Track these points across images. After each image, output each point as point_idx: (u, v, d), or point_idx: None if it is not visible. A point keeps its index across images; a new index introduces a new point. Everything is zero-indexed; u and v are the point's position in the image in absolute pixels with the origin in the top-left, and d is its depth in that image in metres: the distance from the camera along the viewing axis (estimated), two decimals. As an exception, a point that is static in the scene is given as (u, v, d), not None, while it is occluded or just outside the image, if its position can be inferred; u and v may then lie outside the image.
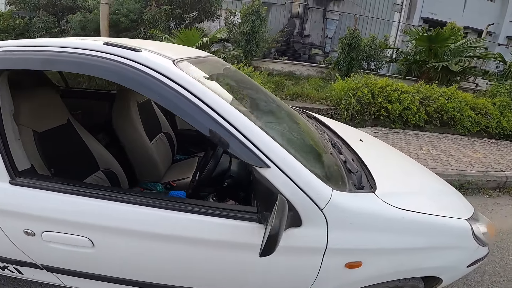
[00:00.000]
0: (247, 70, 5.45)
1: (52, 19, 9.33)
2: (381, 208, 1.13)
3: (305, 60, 12.94)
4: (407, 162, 1.87)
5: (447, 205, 1.39)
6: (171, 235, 1.06)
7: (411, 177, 1.62)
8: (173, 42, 6.83)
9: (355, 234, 1.09)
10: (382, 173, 1.39)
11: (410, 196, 1.29)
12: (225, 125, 0.97)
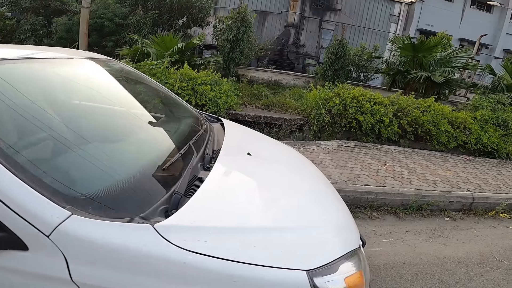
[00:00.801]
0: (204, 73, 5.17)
1: (40, 21, 9.40)
2: (149, 246, 0.80)
3: (299, 70, 12.85)
4: (299, 184, 1.47)
5: (297, 247, 1.00)
6: None
7: (270, 206, 1.19)
8: (151, 46, 6.74)
9: (110, 274, 0.79)
10: (213, 200, 1.06)
11: (229, 233, 0.93)
12: None
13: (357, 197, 2.85)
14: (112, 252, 0.78)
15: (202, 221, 0.94)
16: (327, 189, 1.55)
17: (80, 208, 0.82)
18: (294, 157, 1.88)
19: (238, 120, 4.94)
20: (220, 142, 1.55)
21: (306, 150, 3.81)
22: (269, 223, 1.07)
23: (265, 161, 1.56)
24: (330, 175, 3.12)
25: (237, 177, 1.33)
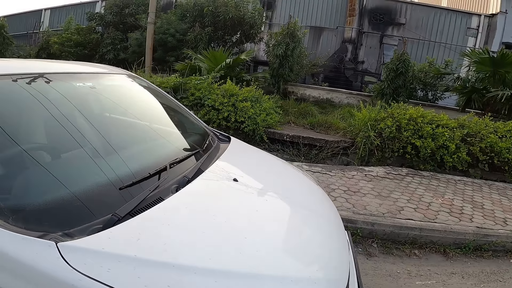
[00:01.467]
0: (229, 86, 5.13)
1: (119, 36, 10.79)
2: (44, 262, 0.75)
3: (357, 88, 12.24)
4: (282, 222, 1.26)
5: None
6: None
7: (217, 246, 0.98)
8: (204, 61, 7.18)
9: (11, 281, 0.75)
10: (148, 228, 0.97)
11: (143, 267, 0.81)
12: None
13: (394, 232, 2.51)
14: (10, 263, 0.77)
15: (117, 247, 0.86)
16: (321, 230, 1.29)
17: (5, 216, 0.83)
18: (297, 186, 1.66)
19: (276, 139, 4.81)
20: (214, 163, 1.43)
21: (344, 176, 3.47)
22: (202, 264, 0.88)
23: (250, 189, 1.40)
24: (365, 205, 2.77)
25: (196, 205, 1.18)
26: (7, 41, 12.37)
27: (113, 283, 0.74)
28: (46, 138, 1.28)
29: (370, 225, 2.52)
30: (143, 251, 0.86)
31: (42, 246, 0.78)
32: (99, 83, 1.59)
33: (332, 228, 1.33)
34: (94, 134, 1.30)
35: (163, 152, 1.49)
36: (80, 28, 11.39)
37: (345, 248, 1.24)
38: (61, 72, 1.43)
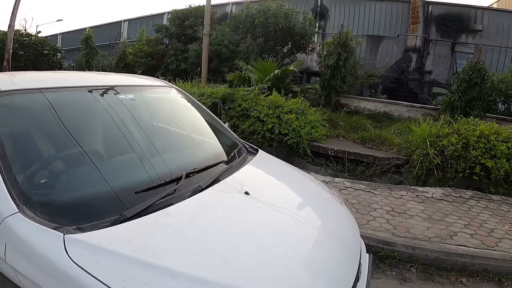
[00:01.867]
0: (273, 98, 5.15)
1: (180, 47, 11.74)
2: (49, 249, 0.92)
3: (423, 100, 11.28)
4: (283, 239, 1.23)
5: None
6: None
7: (209, 255, 1.05)
8: (254, 72, 7.47)
9: (25, 263, 0.94)
10: (144, 230, 1.08)
11: (131, 265, 0.92)
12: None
13: (440, 258, 2.29)
14: (27, 247, 0.95)
15: (111, 244, 0.97)
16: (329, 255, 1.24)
17: (30, 209, 1.02)
18: (312, 203, 1.62)
19: (320, 153, 4.70)
20: (233, 175, 1.51)
21: (391, 195, 3.24)
22: (183, 269, 0.94)
23: (259, 203, 1.39)
24: (409, 228, 2.57)
25: (198, 214, 1.25)
26: (93, 51, 14.53)
27: (97, 274, 0.86)
28: (81, 145, 1.46)
29: (411, 248, 2.32)
30: (133, 250, 0.97)
31: (51, 236, 0.95)
32: (141, 95, 1.83)
33: (339, 250, 1.29)
34: (124, 141, 1.49)
35: (187, 161, 1.62)
36: (149, 39, 12.60)
37: (345, 275, 1.18)
38: (109, 85, 1.70)
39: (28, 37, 15.05)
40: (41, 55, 14.90)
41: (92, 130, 1.49)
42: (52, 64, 15.05)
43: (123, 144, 1.48)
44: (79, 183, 1.29)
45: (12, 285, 1.00)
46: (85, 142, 1.41)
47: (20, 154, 1.24)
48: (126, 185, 1.26)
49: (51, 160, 1.33)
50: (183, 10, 12.51)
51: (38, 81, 1.62)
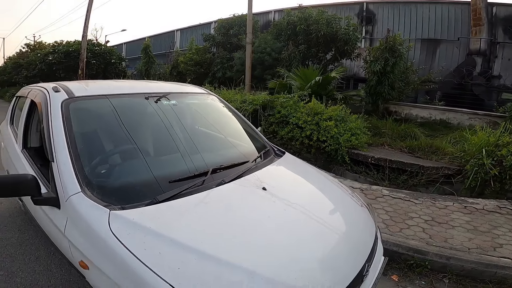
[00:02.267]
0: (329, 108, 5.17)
1: (226, 55, 12.28)
2: (97, 221, 1.21)
3: (490, 107, 10.24)
4: (286, 228, 1.37)
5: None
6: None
7: (227, 239, 1.24)
8: (295, 79, 7.62)
9: (78, 235, 1.26)
10: (168, 212, 1.32)
11: (155, 240, 1.15)
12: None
13: (477, 269, 2.18)
14: (82, 221, 1.25)
15: (141, 219, 1.23)
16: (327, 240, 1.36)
17: (90, 190, 1.33)
18: (325, 202, 1.72)
19: (360, 161, 4.63)
20: (255, 173, 1.71)
21: (434, 205, 3.12)
22: (191, 243, 1.15)
23: (273, 198, 1.54)
24: (447, 238, 2.49)
25: (214, 203, 1.44)
26: (151, 60, 16.04)
27: (126, 242, 1.12)
28: (160, 136, 1.88)
29: (445, 258, 2.22)
30: (156, 226, 1.21)
31: (100, 211, 1.25)
32: (185, 101, 2.16)
33: (341, 245, 1.37)
34: (167, 140, 1.81)
35: (217, 158, 1.86)
36: (198, 48, 13.38)
37: (344, 268, 1.26)
38: (159, 91, 2.07)
39: (98, 47, 17.19)
40: (109, 63, 16.99)
41: (144, 130, 1.84)
42: (118, 72, 16.97)
43: (166, 142, 1.82)
44: (128, 173, 1.63)
45: (66, 260, 1.34)
46: (137, 139, 1.75)
47: (87, 147, 1.61)
48: (163, 175, 1.53)
49: (110, 154, 1.71)
50: (227, 19, 13.03)
51: (105, 88, 2.05)
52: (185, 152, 1.74)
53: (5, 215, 3.02)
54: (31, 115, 2.09)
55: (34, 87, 2.19)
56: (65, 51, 15.86)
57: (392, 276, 2.25)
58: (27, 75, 17.40)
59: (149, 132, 1.86)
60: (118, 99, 1.89)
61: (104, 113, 1.81)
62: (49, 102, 1.71)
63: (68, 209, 1.32)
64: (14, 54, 24.97)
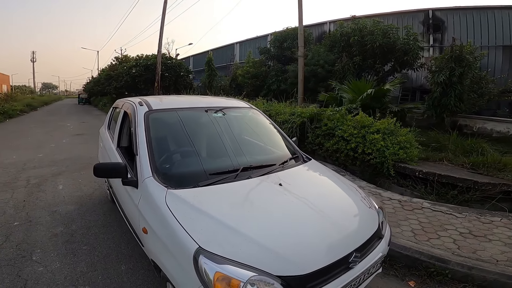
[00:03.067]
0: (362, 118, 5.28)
1: (280, 68, 12.94)
2: (158, 196, 1.82)
3: None
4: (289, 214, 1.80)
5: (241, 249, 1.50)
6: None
7: (248, 217, 1.74)
8: (347, 91, 7.80)
9: (148, 210, 1.88)
10: (203, 194, 1.89)
11: (195, 212, 1.71)
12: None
13: (499, 280, 2.26)
14: (150, 196, 1.88)
15: (186, 196, 1.83)
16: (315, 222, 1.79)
17: (157, 176, 1.98)
18: (330, 198, 2.14)
19: (406, 174, 4.66)
20: (277, 173, 2.22)
21: (478, 220, 3.16)
22: (220, 217, 1.67)
23: (286, 192, 2.00)
24: (476, 249, 2.56)
25: (238, 191, 1.98)
26: (213, 72, 17.60)
27: (173, 210, 1.69)
28: (210, 140, 2.54)
29: (467, 268, 2.30)
30: (194, 201, 1.78)
31: (161, 190, 1.88)
32: (228, 113, 2.79)
33: (331, 232, 1.73)
34: (216, 143, 2.46)
35: (251, 160, 2.36)
36: (254, 61, 14.27)
37: (330, 251, 1.62)
38: (209, 106, 2.80)
39: (170, 60, 19.55)
40: (179, 76, 19.25)
41: (197, 135, 2.53)
42: (186, 85, 19.01)
43: (212, 145, 2.47)
44: (182, 166, 2.28)
45: (132, 230, 2.02)
46: (192, 143, 2.42)
47: (158, 147, 2.30)
48: (205, 169, 2.14)
49: (173, 153, 2.39)
50: (281, 32, 13.62)
51: (174, 103, 2.86)
52: (225, 153, 2.35)
53: (95, 202, 4.04)
54: (124, 122, 2.94)
55: (126, 101, 3.09)
56: (144, 64, 18.55)
57: (410, 281, 2.42)
58: (116, 86, 20.70)
59: (200, 137, 2.52)
60: (182, 112, 2.62)
61: (172, 122, 2.54)
62: (136, 113, 2.50)
63: (142, 188, 1.99)
64: (106, 66, 29.31)
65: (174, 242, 1.60)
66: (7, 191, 4.42)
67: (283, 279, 1.41)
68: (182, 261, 1.52)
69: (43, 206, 3.89)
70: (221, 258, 1.42)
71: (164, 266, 1.69)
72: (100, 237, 3.11)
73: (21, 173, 5.39)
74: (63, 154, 7.00)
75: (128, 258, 2.72)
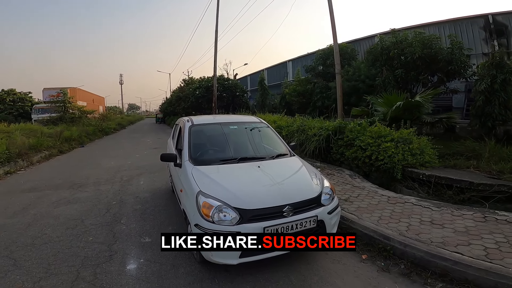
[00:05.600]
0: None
1: (324, 85, 13.61)
2: (188, 170, 3.35)
3: None
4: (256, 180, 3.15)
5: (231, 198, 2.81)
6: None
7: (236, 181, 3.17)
8: (380, 104, 8.34)
9: (183, 176, 3.35)
10: (215, 170, 3.32)
11: (207, 180, 3.08)
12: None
13: (424, 258, 2.92)
14: (185, 170, 3.41)
15: (206, 171, 3.34)
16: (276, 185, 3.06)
17: (190, 160, 3.53)
18: (290, 175, 3.43)
19: (412, 177, 5.25)
20: (262, 161, 3.55)
21: (450, 214, 3.75)
22: (228, 186, 3.03)
23: (260, 170, 3.35)
24: (422, 233, 3.27)
25: (233, 169, 3.41)
26: (266, 91, 19.05)
27: (195, 177, 3.17)
28: (222, 142, 4.02)
29: (403, 246, 3.08)
30: (207, 172, 3.25)
31: (191, 166, 3.42)
32: (242, 126, 4.29)
33: (276, 192, 2.94)
34: (233, 144, 3.93)
35: (252, 154, 3.78)
36: (301, 79, 15.29)
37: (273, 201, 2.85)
38: (233, 121, 4.40)
39: (227, 81, 21.91)
40: (235, 96, 21.46)
41: (218, 140, 4.06)
42: (241, 104, 21.08)
43: (226, 145, 3.92)
44: (205, 156, 3.75)
45: (175, 192, 3.67)
46: (213, 144, 4.00)
47: (196, 146, 3.87)
48: (219, 158, 3.64)
49: (201, 149, 3.89)
50: (324, 50, 14.30)
51: (207, 120, 4.55)
52: (234, 150, 3.83)
53: (162, 193, 5.79)
54: (180, 132, 4.57)
55: (181, 119, 4.86)
56: (205, 86, 21.31)
57: (363, 255, 3.26)
58: (184, 107, 24.21)
59: (218, 140, 4.06)
60: (210, 125, 4.32)
61: (203, 131, 4.18)
62: (185, 126, 4.16)
63: (183, 167, 3.52)
64: (176, 87, 33.90)
65: (190, 189, 3.07)
66: (109, 184, 6.63)
67: (236, 209, 2.72)
68: (191, 198, 2.95)
69: (130, 193, 5.84)
70: (207, 195, 2.82)
71: (185, 207, 3.12)
72: (161, 212, 4.74)
73: (117, 173, 7.73)
74: (144, 162, 9.36)
75: (173, 224, 4.27)
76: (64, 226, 4.23)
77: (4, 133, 11.23)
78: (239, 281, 2.84)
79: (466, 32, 13.12)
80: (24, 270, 3.09)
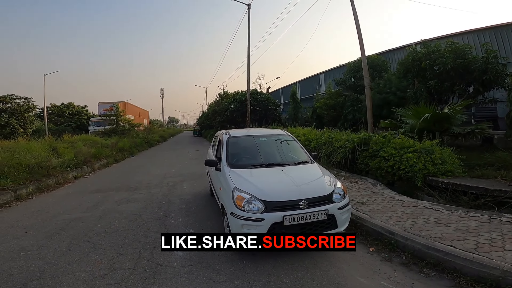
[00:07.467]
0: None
1: (356, 97, 13.98)
2: (226, 172, 4.31)
3: None
4: (282, 181, 3.94)
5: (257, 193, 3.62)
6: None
7: (264, 182, 3.92)
8: (409, 116, 8.62)
9: (222, 177, 4.32)
10: (248, 173, 4.18)
11: (241, 179, 3.95)
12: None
13: (421, 250, 3.40)
14: (224, 173, 4.34)
15: (241, 173, 4.24)
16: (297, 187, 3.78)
17: (228, 165, 4.49)
18: (309, 178, 4.14)
19: (432, 186, 5.63)
20: (285, 167, 4.33)
21: (459, 216, 4.18)
22: (259, 184, 3.89)
23: (284, 173, 4.17)
24: (424, 229, 3.78)
25: (264, 173, 4.32)
26: (297, 105, 19.61)
27: (232, 177, 4.11)
28: (253, 151, 4.94)
29: (404, 239, 3.60)
30: (242, 174, 4.19)
31: (228, 170, 4.36)
32: (270, 138, 5.21)
33: (293, 188, 3.72)
34: (264, 152, 4.85)
35: (275, 160, 4.68)
36: (331, 92, 15.72)
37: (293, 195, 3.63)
38: (260, 133, 5.34)
39: (260, 95, 22.96)
40: (267, 110, 22.43)
41: (250, 149, 4.97)
42: (274, 117, 21.95)
43: (258, 153, 4.82)
44: (240, 161, 4.65)
45: (215, 190, 4.67)
46: (247, 152, 4.90)
47: (232, 153, 4.82)
48: (252, 163, 4.57)
49: (237, 157, 4.81)
50: (355, 62, 14.59)
51: (241, 132, 5.55)
52: (263, 157, 4.70)
53: (202, 196, 6.83)
54: (219, 144, 5.55)
55: (220, 132, 5.91)
56: (239, 100, 22.57)
57: (370, 247, 3.84)
58: (219, 120, 25.77)
59: (250, 149, 4.95)
60: (243, 137, 5.23)
61: (238, 142, 5.11)
62: (223, 138, 5.14)
63: (222, 170, 4.46)
64: (212, 101, 35.58)
65: (227, 186, 3.95)
66: (158, 188, 7.91)
67: (262, 201, 3.53)
68: (228, 193, 3.83)
69: (176, 195, 6.99)
70: (240, 190, 3.69)
71: (223, 201, 4.02)
72: (202, 211, 5.72)
73: (164, 179, 9.06)
74: (186, 170, 10.63)
75: (212, 219, 5.18)
76: (127, 219, 5.35)
77: (69, 143, 13.24)
78: (262, 262, 3.59)
79: (507, 39, 12.80)
80: (101, 251, 4.08)
